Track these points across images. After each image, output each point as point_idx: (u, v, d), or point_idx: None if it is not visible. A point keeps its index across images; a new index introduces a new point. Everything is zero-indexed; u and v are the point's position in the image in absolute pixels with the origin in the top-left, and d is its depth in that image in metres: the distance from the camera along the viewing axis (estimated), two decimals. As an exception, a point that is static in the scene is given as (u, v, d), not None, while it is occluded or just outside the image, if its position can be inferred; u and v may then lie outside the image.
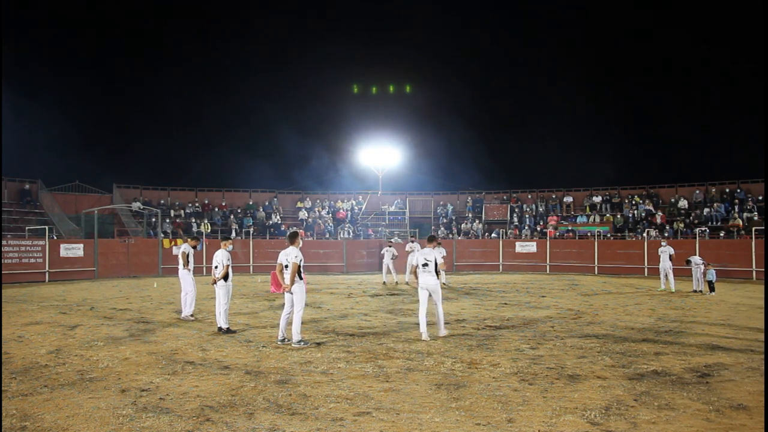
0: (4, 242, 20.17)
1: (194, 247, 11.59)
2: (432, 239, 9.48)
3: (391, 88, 39.95)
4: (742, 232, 24.68)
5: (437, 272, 8.98)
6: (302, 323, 8.74)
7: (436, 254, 8.99)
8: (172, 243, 24.67)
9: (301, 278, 8.49)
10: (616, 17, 41.41)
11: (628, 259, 24.84)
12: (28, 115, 32.57)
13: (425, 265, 8.96)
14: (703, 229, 25.36)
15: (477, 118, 42.20)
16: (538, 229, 29.78)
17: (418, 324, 9.29)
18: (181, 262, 11.31)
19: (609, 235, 27.76)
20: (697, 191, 29.08)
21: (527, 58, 44.84)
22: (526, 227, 29.96)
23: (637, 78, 43.22)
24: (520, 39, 44.85)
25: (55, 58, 36.78)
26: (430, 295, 8.97)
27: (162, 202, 30.34)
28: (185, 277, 11.27)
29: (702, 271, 16.58)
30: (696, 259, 17.05)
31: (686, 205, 28.57)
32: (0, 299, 11.55)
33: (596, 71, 42.88)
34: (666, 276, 17.30)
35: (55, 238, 23.51)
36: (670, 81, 40.93)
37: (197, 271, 11.43)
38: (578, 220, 30.02)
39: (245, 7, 45.11)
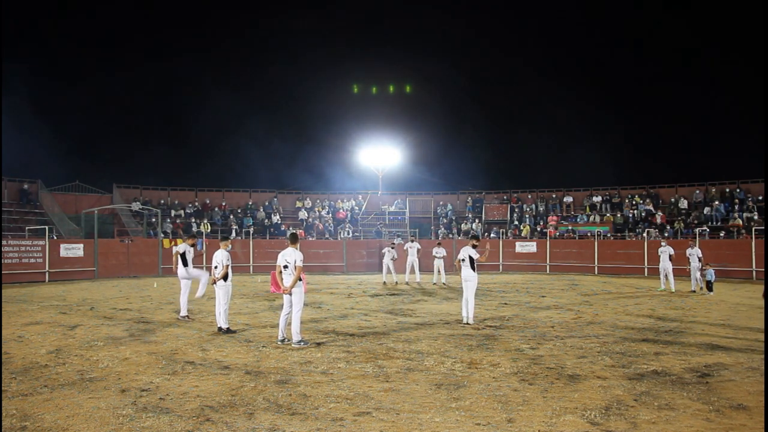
0: (4, 242, 20.16)
1: (192, 246, 11.57)
2: (474, 238, 11.12)
3: (391, 88, 39.98)
4: (742, 232, 24.67)
5: (472, 266, 10.52)
6: (302, 323, 8.75)
7: (469, 251, 10.55)
8: (172, 243, 24.67)
9: (299, 279, 8.49)
10: (616, 17, 41.43)
11: (628, 259, 24.84)
12: (29, 115, 32.58)
13: (463, 260, 10.58)
14: (703, 229, 25.36)
15: (477, 118, 42.23)
16: (538, 229, 29.79)
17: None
18: (175, 262, 11.28)
19: (609, 235, 27.76)
20: (697, 191, 29.08)
21: (527, 58, 44.85)
22: (523, 226, 29.94)
23: (637, 78, 43.25)
24: (520, 39, 44.87)
25: (55, 58, 36.80)
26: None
27: (162, 202, 30.34)
28: (182, 277, 11.25)
29: (700, 269, 16.58)
30: (697, 252, 16.87)
31: (686, 205, 28.57)
32: (0, 299, 11.54)
33: (596, 71, 42.91)
34: (666, 276, 17.30)
35: (55, 238, 23.51)
36: (670, 81, 40.97)
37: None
38: (578, 220, 30.02)
39: (245, 7, 45.14)
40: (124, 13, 40.24)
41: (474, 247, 10.63)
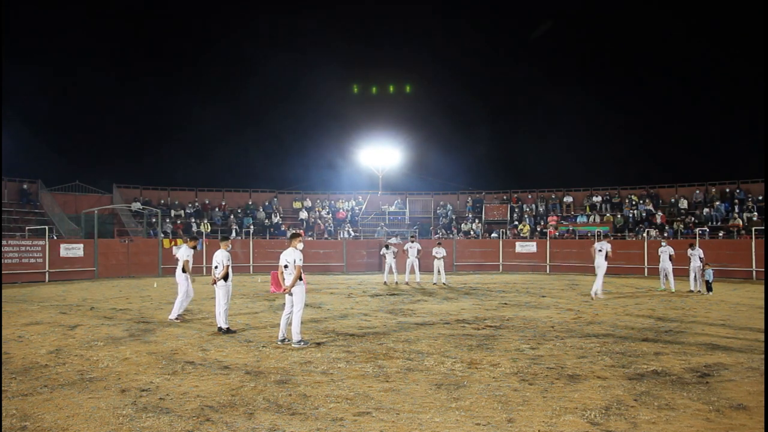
0: (4, 242, 20.16)
1: (194, 248, 11.51)
2: (603, 237, 15.17)
3: (391, 88, 39.96)
4: (742, 232, 24.67)
5: (606, 258, 14.68)
6: (302, 323, 8.75)
7: (606, 245, 14.81)
8: (172, 243, 24.68)
9: (300, 279, 8.50)
10: (617, 17, 41.42)
11: (628, 259, 24.82)
12: (29, 115, 32.59)
13: (600, 251, 14.67)
14: (703, 229, 25.36)
15: (477, 117, 42.26)
16: (538, 229, 29.78)
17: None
18: (181, 266, 11.16)
19: (609, 235, 27.75)
20: (697, 191, 29.08)
21: (527, 58, 44.85)
22: (523, 225, 29.92)
23: (637, 78, 43.25)
24: (519, 39, 44.88)
25: (55, 58, 36.81)
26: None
27: (162, 202, 30.34)
28: (182, 280, 11.15)
29: (700, 269, 16.57)
30: (699, 252, 16.81)
31: (686, 205, 28.57)
32: (0, 299, 11.55)
33: (596, 71, 42.90)
34: (666, 276, 17.30)
35: (55, 238, 23.51)
36: (670, 81, 40.97)
37: (197, 271, 11.41)
38: (578, 220, 30.01)
39: (245, 7, 45.13)
40: (124, 13, 40.24)
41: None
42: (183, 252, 11.20)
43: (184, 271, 11.09)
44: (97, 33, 40.08)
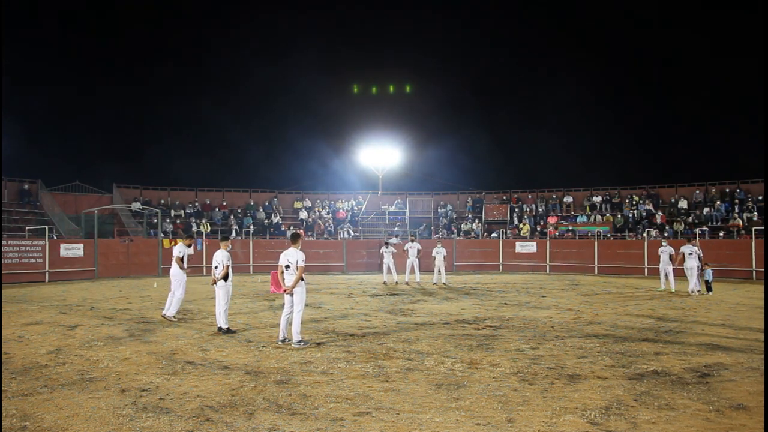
0: (4, 242, 20.16)
1: (189, 246, 11.59)
2: (689, 240, 16.93)
3: (391, 88, 39.95)
4: (742, 232, 24.67)
5: (700, 258, 16.16)
6: (302, 323, 8.75)
7: (694, 249, 16.10)
8: (172, 243, 24.67)
9: (301, 279, 8.50)
10: (618, 17, 41.43)
11: (628, 259, 24.83)
12: (29, 114, 32.60)
13: (690, 254, 15.93)
14: (703, 229, 25.35)
15: (477, 117, 42.24)
16: (538, 229, 29.78)
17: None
18: (176, 264, 11.21)
19: (609, 235, 27.75)
20: (697, 191, 29.08)
21: (527, 57, 44.85)
22: (523, 224, 29.92)
23: (637, 78, 43.24)
24: (520, 39, 44.86)
25: (55, 58, 36.81)
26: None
27: (162, 202, 30.34)
28: (179, 277, 11.17)
29: (698, 269, 16.53)
30: (690, 248, 16.68)
31: (686, 205, 28.58)
32: (0, 299, 11.55)
33: (597, 72, 42.87)
34: (666, 276, 17.28)
35: (55, 238, 23.50)
36: (670, 81, 40.95)
37: (197, 271, 11.42)
38: (578, 220, 30.01)
39: (245, 7, 45.14)
40: (121, 14, 40.25)
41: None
42: (176, 249, 11.33)
43: (182, 268, 11.15)
44: (97, 33, 40.10)
